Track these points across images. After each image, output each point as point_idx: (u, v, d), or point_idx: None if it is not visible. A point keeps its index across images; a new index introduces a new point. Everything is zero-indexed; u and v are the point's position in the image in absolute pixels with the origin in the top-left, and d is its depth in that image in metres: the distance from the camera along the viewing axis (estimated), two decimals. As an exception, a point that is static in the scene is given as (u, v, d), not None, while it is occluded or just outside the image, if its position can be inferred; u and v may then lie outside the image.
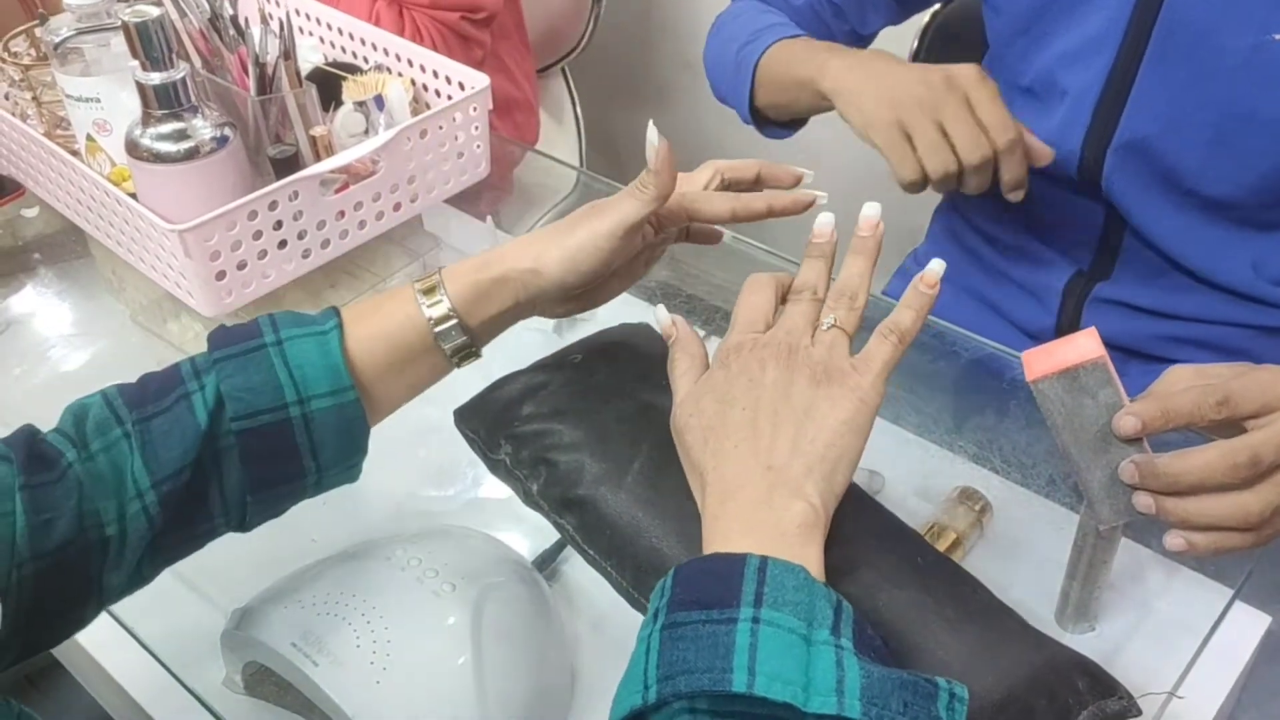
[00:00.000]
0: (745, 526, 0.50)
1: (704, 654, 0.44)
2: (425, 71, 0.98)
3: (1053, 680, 0.50)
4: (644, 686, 0.44)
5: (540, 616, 0.69)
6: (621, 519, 0.58)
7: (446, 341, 0.62)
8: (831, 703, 0.42)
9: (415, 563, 0.67)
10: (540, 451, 0.61)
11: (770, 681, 0.42)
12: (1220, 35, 0.74)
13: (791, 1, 0.97)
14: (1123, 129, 0.81)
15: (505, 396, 0.65)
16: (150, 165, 0.80)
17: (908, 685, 0.43)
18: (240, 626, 0.66)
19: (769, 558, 0.46)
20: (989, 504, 0.76)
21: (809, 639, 0.43)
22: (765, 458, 0.51)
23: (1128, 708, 0.50)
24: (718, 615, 0.44)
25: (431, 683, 0.62)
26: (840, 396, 0.53)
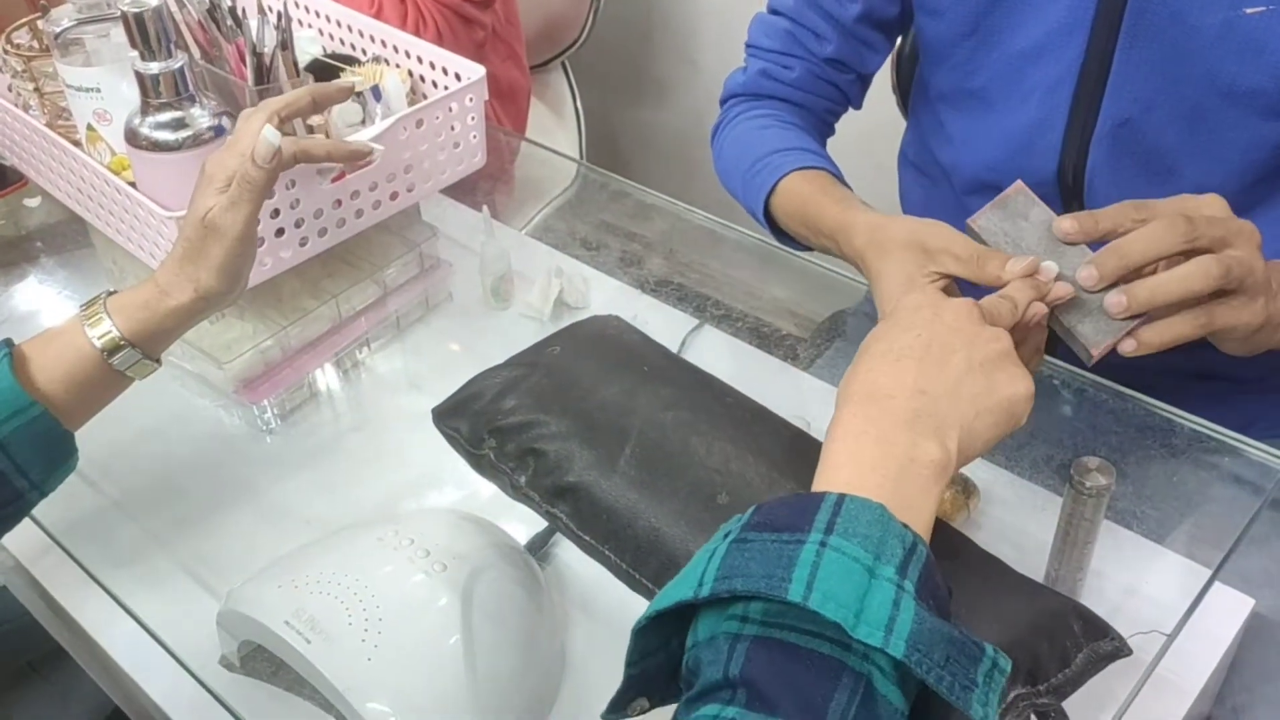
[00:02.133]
0: (880, 437, 0.50)
1: (767, 564, 0.44)
2: (422, 63, 0.99)
3: (1052, 625, 0.51)
4: (698, 583, 0.45)
5: (531, 598, 0.70)
6: (618, 503, 0.59)
7: (123, 365, 0.71)
8: (879, 636, 0.42)
9: (407, 543, 0.68)
10: (527, 443, 0.62)
11: (825, 599, 0.43)
12: (1192, 12, 0.74)
13: (787, 80, 0.95)
14: (1104, 115, 0.81)
15: (485, 392, 0.66)
16: (149, 154, 0.81)
17: (955, 642, 0.43)
18: (235, 605, 0.67)
19: (848, 495, 0.46)
20: (976, 487, 0.77)
21: (873, 571, 0.44)
22: (924, 381, 0.51)
23: (1119, 648, 0.52)
24: (788, 537, 0.45)
25: (422, 661, 0.63)
26: (1020, 379, 0.54)
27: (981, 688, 0.43)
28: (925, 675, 0.42)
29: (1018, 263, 0.64)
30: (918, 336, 0.54)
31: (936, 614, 0.44)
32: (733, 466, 0.58)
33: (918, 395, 0.51)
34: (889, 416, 0.50)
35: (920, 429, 0.50)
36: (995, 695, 0.43)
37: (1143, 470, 0.77)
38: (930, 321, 0.54)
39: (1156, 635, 0.64)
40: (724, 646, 0.45)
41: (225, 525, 0.82)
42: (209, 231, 0.70)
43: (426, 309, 1.01)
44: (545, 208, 1.23)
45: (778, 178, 0.88)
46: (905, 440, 0.49)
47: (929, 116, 0.95)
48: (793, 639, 0.44)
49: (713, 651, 0.45)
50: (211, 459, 0.87)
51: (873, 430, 0.50)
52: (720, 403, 0.63)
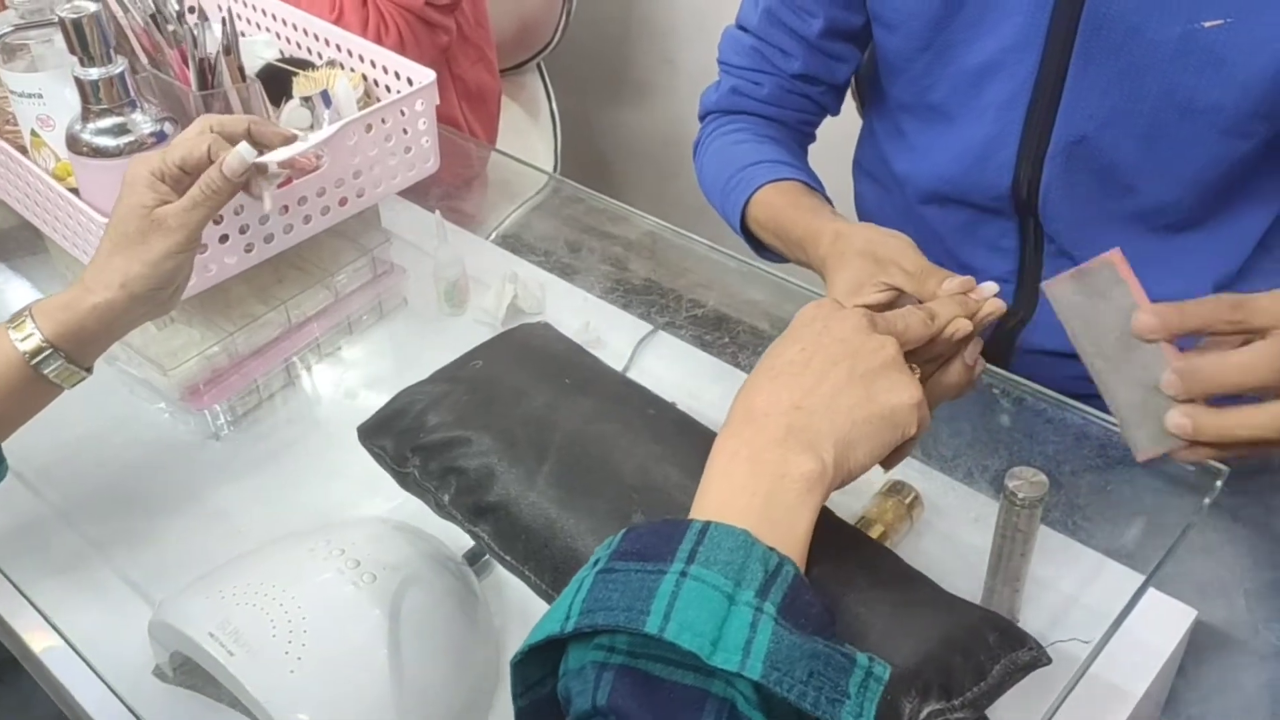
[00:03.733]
0: (752, 457, 0.50)
1: (627, 595, 0.45)
2: (376, 67, 0.98)
3: (965, 638, 0.51)
4: (565, 617, 0.46)
5: (464, 610, 0.69)
6: (535, 522, 0.58)
7: (47, 369, 0.69)
8: (735, 660, 0.42)
9: (337, 553, 0.67)
10: (449, 461, 0.62)
11: (681, 630, 0.43)
12: (1148, 27, 0.73)
13: (759, 96, 0.95)
14: (1058, 133, 0.80)
15: (409, 409, 0.66)
16: (90, 160, 0.80)
17: (820, 656, 0.44)
18: (163, 616, 0.66)
19: (713, 522, 0.47)
20: (919, 497, 0.76)
21: (733, 598, 0.44)
22: (799, 397, 0.52)
23: (1038, 658, 0.52)
24: (650, 567, 0.46)
25: (346, 674, 0.62)
26: (903, 387, 0.53)
27: (854, 699, 0.43)
28: (787, 693, 0.42)
29: (953, 281, 0.64)
30: (801, 350, 0.54)
31: (809, 632, 0.44)
32: (650, 481, 0.57)
33: (793, 411, 0.51)
34: (762, 435, 0.50)
35: (792, 444, 0.50)
36: (871, 705, 0.43)
37: (1084, 479, 0.77)
38: (819, 334, 0.54)
39: (1089, 643, 0.63)
40: (591, 676, 0.45)
41: (167, 533, 0.81)
42: (154, 226, 0.69)
43: (380, 314, 1.00)
44: (512, 214, 1.22)
45: (751, 191, 0.88)
46: (776, 457, 0.49)
47: (886, 124, 0.95)
48: (656, 670, 0.44)
49: (581, 681, 0.45)
50: (157, 465, 0.87)
51: (745, 450, 0.50)
52: (642, 415, 0.62)
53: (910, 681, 0.48)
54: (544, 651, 0.48)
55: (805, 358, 0.53)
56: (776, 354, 0.55)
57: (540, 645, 0.47)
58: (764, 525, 0.48)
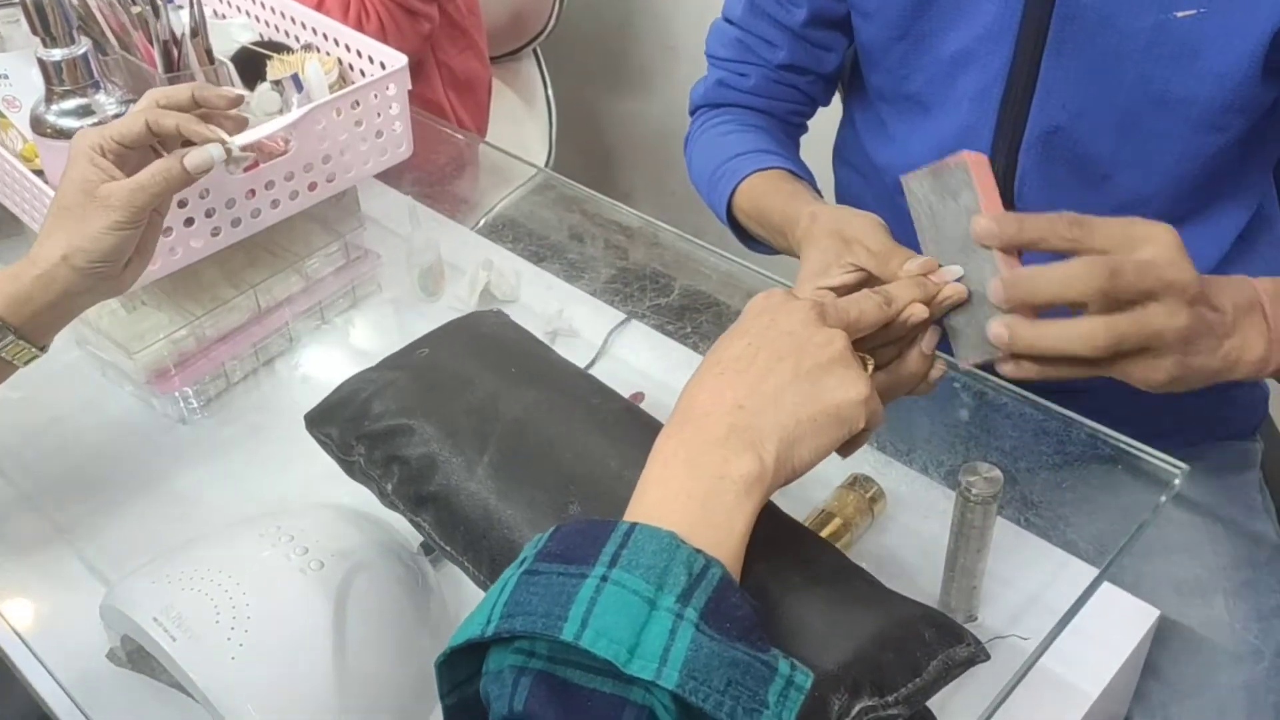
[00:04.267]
0: (691, 457, 0.49)
1: (546, 600, 0.44)
2: (350, 51, 0.97)
3: (899, 634, 0.50)
4: (486, 620, 0.45)
5: (414, 600, 0.69)
6: (474, 513, 0.57)
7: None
8: (651, 669, 0.42)
9: (286, 539, 0.67)
10: (392, 450, 0.61)
11: (598, 637, 0.42)
12: (1121, 17, 0.72)
13: (745, 88, 0.93)
14: (1033, 123, 0.79)
15: (354, 397, 0.65)
16: (54, 141, 0.80)
17: (739, 664, 0.43)
18: (112, 600, 0.66)
19: (639, 524, 0.46)
20: (881, 490, 0.75)
21: (654, 603, 0.43)
22: (742, 395, 0.50)
23: (976, 653, 0.51)
24: (573, 570, 0.45)
25: (289, 661, 0.62)
26: (850, 383, 0.51)
27: (774, 708, 0.42)
28: (703, 703, 0.41)
29: (914, 263, 0.63)
30: (748, 346, 0.52)
31: (733, 637, 0.43)
32: (588, 473, 0.57)
33: (735, 410, 0.50)
34: (702, 436, 0.49)
35: (733, 444, 0.49)
36: (790, 714, 0.42)
37: (1044, 474, 0.76)
38: (765, 328, 0.53)
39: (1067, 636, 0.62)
40: (509, 680, 0.44)
41: (129, 516, 0.81)
42: (95, 202, 0.68)
43: (354, 300, 1.00)
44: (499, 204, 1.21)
45: (736, 182, 0.87)
46: (716, 458, 0.48)
47: (866, 114, 0.94)
48: (574, 676, 0.44)
49: (499, 685, 0.44)
50: (123, 449, 0.87)
51: (683, 452, 0.49)
52: (586, 405, 0.61)
53: (840, 678, 0.47)
54: (470, 651, 0.47)
55: (751, 353, 0.52)
56: (723, 348, 0.54)
57: (461, 648, 0.46)
58: (701, 527, 0.47)
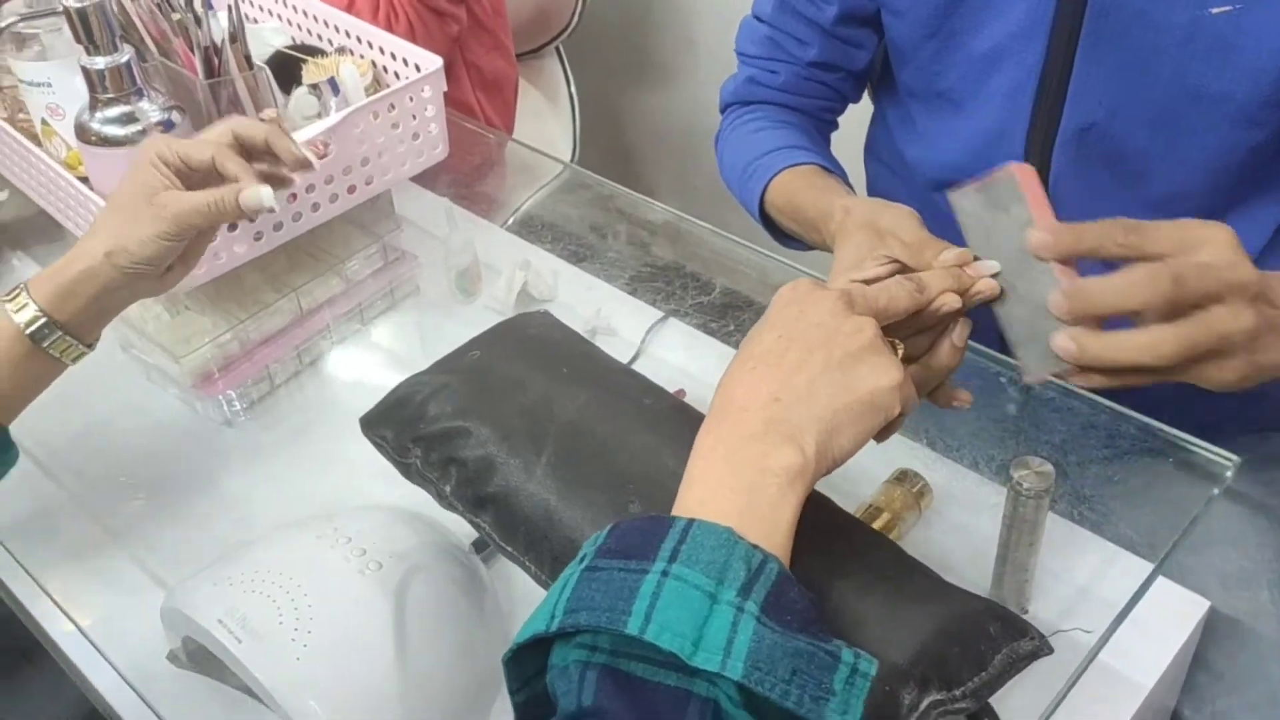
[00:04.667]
0: (730, 453, 0.49)
1: (609, 595, 0.44)
2: (385, 54, 0.98)
3: (963, 629, 0.50)
4: (550, 616, 0.46)
5: (471, 599, 0.70)
6: (535, 514, 0.58)
7: (44, 341, 0.68)
8: (716, 660, 0.42)
9: (344, 541, 0.68)
10: (449, 452, 0.62)
11: (662, 630, 0.43)
12: (1155, 12, 0.72)
13: (775, 85, 0.94)
14: (1067, 120, 0.79)
15: (410, 400, 0.66)
16: (99, 149, 0.81)
17: (803, 654, 0.43)
18: (174, 602, 0.67)
19: (696, 520, 0.46)
20: (928, 485, 0.75)
21: (715, 597, 0.44)
22: (777, 388, 0.50)
23: (1039, 647, 0.51)
24: (634, 566, 0.45)
25: (352, 660, 0.62)
26: (883, 370, 0.52)
27: (840, 695, 0.42)
28: (769, 692, 0.42)
29: (949, 254, 0.62)
30: (779, 339, 0.53)
31: (794, 629, 0.43)
32: (645, 472, 0.57)
33: (771, 404, 0.50)
34: (740, 431, 0.50)
35: (772, 438, 0.49)
36: (858, 702, 0.42)
37: (1093, 468, 0.76)
38: (794, 320, 0.53)
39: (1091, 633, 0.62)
40: (575, 676, 0.45)
41: (180, 519, 0.82)
42: (151, 207, 0.67)
43: (392, 301, 1.00)
44: (527, 201, 1.22)
45: (769, 178, 0.87)
46: (757, 452, 0.49)
47: (897, 111, 0.94)
48: (639, 670, 0.44)
49: (565, 681, 0.45)
50: (170, 452, 0.87)
51: (722, 448, 0.49)
52: (638, 404, 0.62)
53: (909, 673, 0.47)
54: (535, 647, 0.48)
55: (782, 346, 0.52)
56: (754, 342, 0.54)
57: (527, 645, 0.47)
58: (746, 521, 0.47)
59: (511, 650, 0.48)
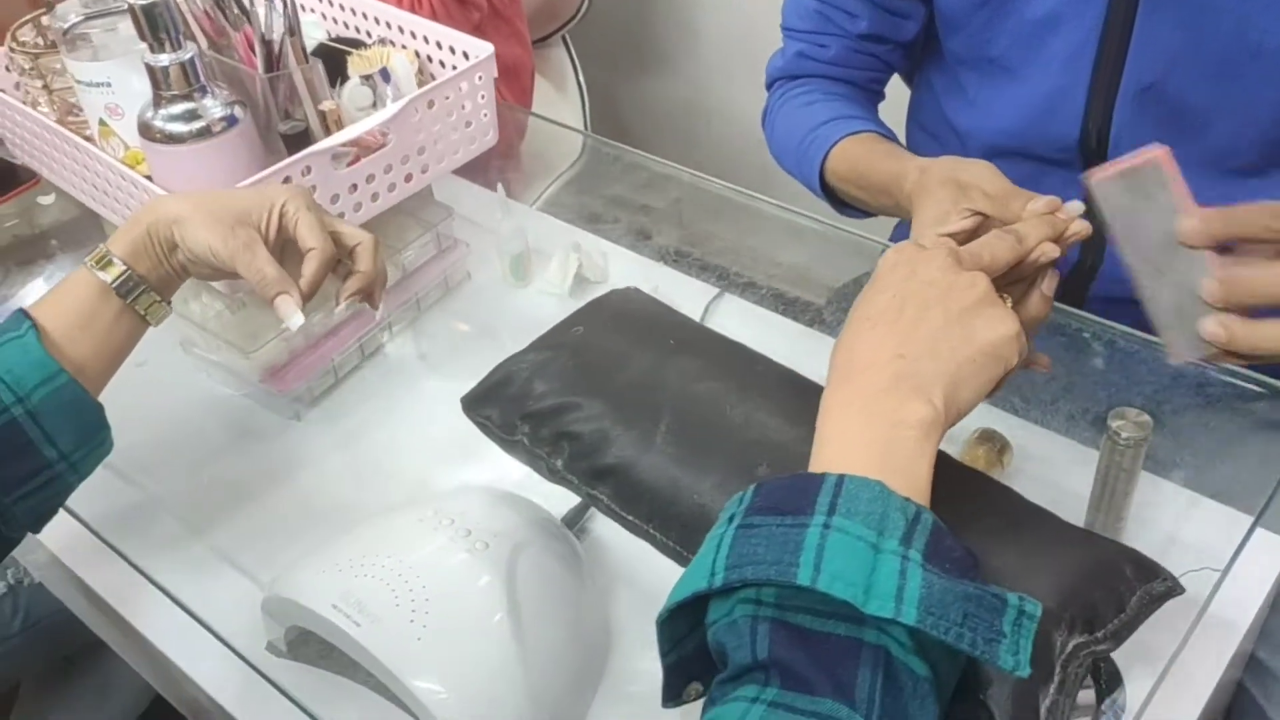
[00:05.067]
0: (863, 409, 0.50)
1: (773, 549, 0.45)
2: (429, 43, 0.98)
3: (1104, 571, 0.52)
4: (710, 573, 0.46)
5: (573, 573, 0.70)
6: (659, 482, 0.59)
7: (130, 296, 0.69)
8: (889, 608, 0.43)
9: (448, 523, 0.68)
10: (560, 427, 0.62)
11: (833, 580, 0.44)
12: None
13: (825, 58, 0.94)
14: (1128, 79, 0.80)
15: (514, 378, 0.66)
16: (163, 146, 0.80)
17: (972, 598, 0.44)
18: (280, 591, 0.67)
19: (848, 475, 0.47)
20: (1008, 444, 0.77)
21: (878, 547, 0.45)
22: (900, 345, 0.51)
23: (1172, 588, 0.52)
24: (791, 520, 0.46)
25: (471, 640, 0.63)
26: (999, 321, 0.53)
27: (1010, 637, 0.43)
28: (944, 636, 0.43)
29: (1038, 202, 0.64)
30: (892, 298, 0.54)
31: (953, 576, 0.44)
32: (769, 435, 0.58)
33: (896, 360, 0.51)
34: (869, 387, 0.51)
35: (902, 392, 0.50)
36: (1026, 642, 0.43)
37: (1178, 419, 0.77)
38: (905, 279, 0.54)
39: (1205, 573, 0.64)
40: (745, 629, 0.46)
41: (260, 513, 0.82)
42: (229, 232, 0.68)
43: (445, 289, 1.01)
44: (554, 182, 1.22)
45: (828, 148, 0.88)
46: (889, 406, 0.50)
47: (945, 79, 0.95)
48: (806, 621, 0.45)
49: (735, 635, 0.46)
50: (242, 449, 0.87)
51: (856, 402, 0.50)
52: (750, 370, 0.63)
53: (1059, 616, 0.48)
54: (688, 608, 0.49)
55: (898, 304, 0.54)
56: (868, 303, 0.55)
57: (686, 603, 0.48)
58: (887, 474, 0.48)
59: (667, 611, 0.48)
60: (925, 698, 0.45)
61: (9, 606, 1.14)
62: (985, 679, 0.47)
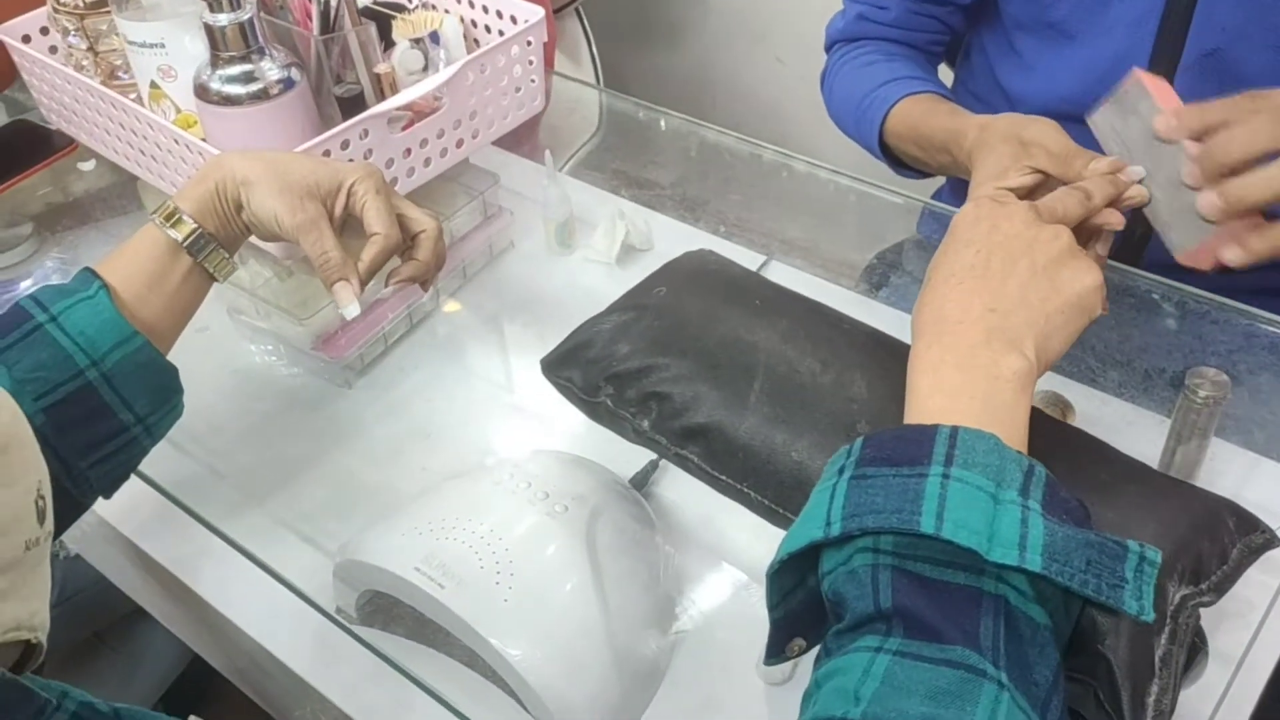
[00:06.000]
0: (959, 363, 0.50)
1: (893, 498, 0.45)
2: (474, 7, 0.97)
3: (1210, 523, 0.52)
4: (826, 523, 0.46)
5: (646, 532, 0.70)
6: (755, 440, 0.58)
7: (200, 254, 0.68)
8: (1013, 555, 0.43)
9: (524, 486, 0.68)
10: (648, 387, 0.62)
11: (957, 528, 0.44)
12: None
13: (886, 20, 0.95)
14: (1191, 45, 0.80)
15: (595, 340, 0.66)
16: (219, 108, 0.80)
17: (1094, 545, 0.44)
18: (356, 555, 0.67)
19: (960, 427, 0.47)
20: (1072, 407, 0.77)
21: (996, 497, 0.45)
22: (990, 299, 0.52)
23: (1270, 539, 0.53)
24: (908, 471, 0.46)
25: (556, 602, 0.63)
26: (1085, 272, 0.53)
27: (1133, 583, 0.44)
28: (1069, 582, 0.43)
29: (1101, 162, 0.65)
30: (977, 253, 0.54)
31: (1070, 526, 0.45)
32: (864, 393, 0.58)
33: (987, 314, 0.51)
34: (964, 342, 0.51)
35: (996, 345, 0.50)
36: (1149, 588, 0.44)
37: (1243, 381, 0.78)
38: (989, 234, 0.55)
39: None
40: (866, 578, 0.46)
41: (320, 480, 0.81)
42: (300, 202, 0.67)
43: (490, 256, 1.00)
44: (581, 149, 1.21)
45: (887, 108, 0.88)
46: (985, 359, 0.50)
47: (999, 43, 0.94)
48: (925, 570, 0.45)
49: (855, 584, 0.46)
50: (296, 417, 0.87)
51: (950, 358, 0.51)
52: (838, 329, 0.63)
53: (1172, 566, 0.49)
54: (797, 561, 0.49)
55: (983, 259, 0.54)
56: (951, 259, 0.55)
57: (797, 554, 0.48)
58: (989, 426, 0.48)
59: (778, 562, 0.48)
60: (1045, 645, 0.45)
61: (44, 579, 1.13)
62: (1101, 630, 0.47)
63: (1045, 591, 0.45)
